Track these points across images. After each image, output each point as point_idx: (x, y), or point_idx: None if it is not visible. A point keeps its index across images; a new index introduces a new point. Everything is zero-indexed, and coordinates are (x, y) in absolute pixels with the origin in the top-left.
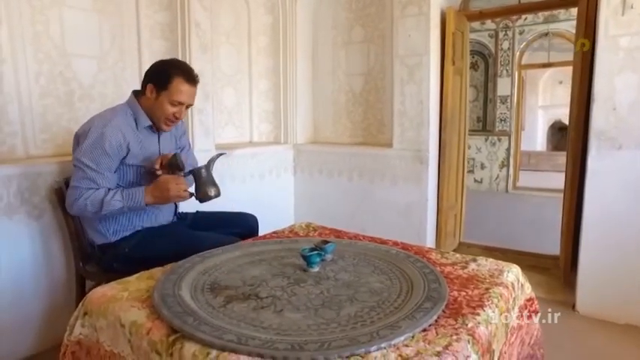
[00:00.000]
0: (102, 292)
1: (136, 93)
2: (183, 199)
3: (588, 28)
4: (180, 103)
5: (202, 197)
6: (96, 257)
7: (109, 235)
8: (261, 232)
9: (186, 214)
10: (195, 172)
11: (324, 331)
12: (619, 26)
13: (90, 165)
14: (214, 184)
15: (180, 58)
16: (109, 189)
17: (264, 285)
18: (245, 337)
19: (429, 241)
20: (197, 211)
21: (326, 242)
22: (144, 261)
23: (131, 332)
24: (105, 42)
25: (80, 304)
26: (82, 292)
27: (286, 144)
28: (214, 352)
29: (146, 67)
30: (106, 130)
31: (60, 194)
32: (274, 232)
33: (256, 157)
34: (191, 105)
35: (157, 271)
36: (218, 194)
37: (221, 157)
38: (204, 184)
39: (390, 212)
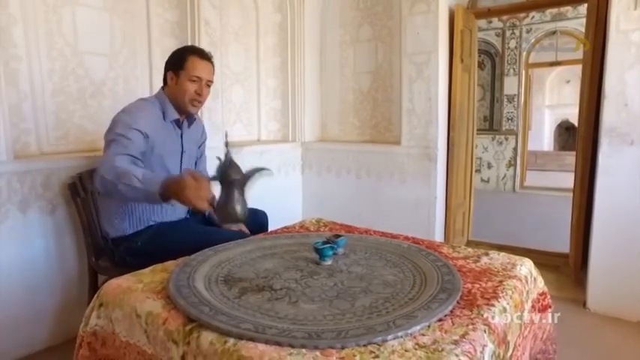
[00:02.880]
0: (117, 284)
1: (163, 88)
2: (201, 210)
3: (598, 24)
4: (199, 78)
5: (224, 220)
6: (109, 251)
7: (123, 228)
8: (270, 229)
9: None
10: (227, 183)
11: (340, 321)
12: (630, 21)
13: (123, 134)
14: (243, 208)
15: None
16: (136, 157)
17: (278, 277)
18: (262, 326)
19: (438, 239)
20: None
21: (338, 236)
22: (156, 255)
23: (147, 322)
24: (116, 40)
25: (95, 295)
26: (94, 287)
27: (294, 142)
28: (232, 341)
29: (156, 64)
30: (139, 113)
31: (73, 189)
32: (285, 228)
33: (264, 155)
34: (210, 82)
35: (170, 264)
36: (243, 220)
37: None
38: (230, 204)
39: (398, 210)
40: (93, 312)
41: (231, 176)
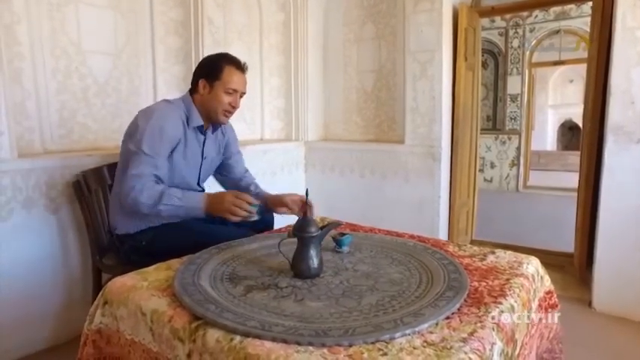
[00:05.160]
0: (121, 282)
1: (191, 92)
2: (239, 218)
3: (604, 22)
4: (235, 91)
5: (299, 275)
6: (114, 247)
7: (129, 225)
8: (275, 228)
9: None
10: (305, 239)
11: (347, 318)
12: (637, 18)
13: (151, 151)
14: (319, 264)
15: (193, 54)
16: (162, 180)
17: (283, 275)
18: (268, 323)
19: (442, 238)
20: None
21: (343, 234)
22: (160, 254)
23: (152, 320)
24: (119, 38)
25: (100, 293)
26: (98, 285)
27: (297, 141)
28: (238, 338)
29: (160, 63)
30: (166, 123)
31: (77, 188)
32: (290, 226)
33: (267, 154)
34: (244, 93)
35: (175, 263)
36: (318, 275)
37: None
38: (306, 260)
39: (402, 209)
40: (97, 310)
41: (309, 233)
